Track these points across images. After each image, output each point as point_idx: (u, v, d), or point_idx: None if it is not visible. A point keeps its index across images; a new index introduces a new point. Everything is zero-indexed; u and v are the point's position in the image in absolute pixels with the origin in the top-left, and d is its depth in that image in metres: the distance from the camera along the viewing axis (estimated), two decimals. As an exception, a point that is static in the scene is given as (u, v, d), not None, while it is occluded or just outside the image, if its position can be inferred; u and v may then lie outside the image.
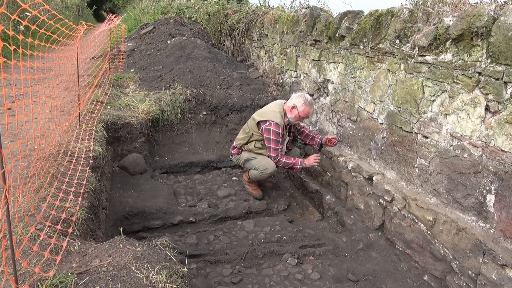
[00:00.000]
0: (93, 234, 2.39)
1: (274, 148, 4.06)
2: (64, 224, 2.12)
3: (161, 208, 3.87)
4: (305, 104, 4.06)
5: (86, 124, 4.05)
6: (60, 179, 2.62)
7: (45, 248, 1.86)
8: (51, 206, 2.24)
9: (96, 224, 2.59)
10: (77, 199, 2.40)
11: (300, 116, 4.10)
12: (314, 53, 4.91)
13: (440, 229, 2.91)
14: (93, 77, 5.78)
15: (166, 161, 5.04)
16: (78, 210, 2.28)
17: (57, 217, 2.13)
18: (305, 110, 4.08)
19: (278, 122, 4.00)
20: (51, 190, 2.39)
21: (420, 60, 3.22)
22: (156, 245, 2.01)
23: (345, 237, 3.74)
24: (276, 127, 4.00)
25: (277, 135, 4.01)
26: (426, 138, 3.19)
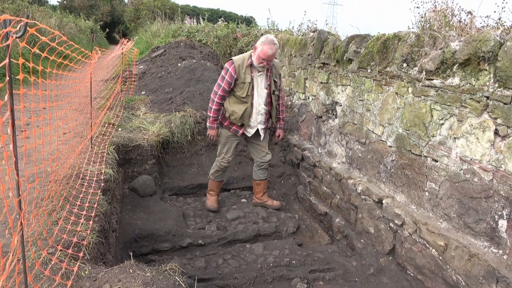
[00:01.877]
0: (103, 258, 2.41)
1: (217, 83, 4.03)
2: (75, 248, 2.15)
3: (170, 231, 3.88)
4: (263, 44, 3.83)
5: (98, 146, 4.12)
6: (72, 202, 2.66)
7: (57, 272, 1.88)
8: (63, 229, 2.28)
9: (106, 248, 2.61)
10: (88, 223, 2.42)
11: (260, 57, 3.87)
12: (322, 75, 4.97)
13: (452, 254, 2.87)
14: (106, 99, 5.91)
15: (176, 183, 5.07)
16: (89, 234, 2.30)
17: (69, 241, 2.16)
18: (263, 50, 3.83)
19: (235, 59, 3.95)
20: (63, 213, 2.43)
21: (427, 83, 3.24)
22: (165, 270, 2.02)
23: (355, 261, 3.70)
24: (229, 64, 3.96)
25: (225, 71, 3.96)
26: (436, 162, 3.18)
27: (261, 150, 4.48)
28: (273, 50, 3.82)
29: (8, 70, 1.34)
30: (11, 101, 1.36)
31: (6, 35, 1.25)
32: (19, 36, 1.32)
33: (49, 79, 2.45)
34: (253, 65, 3.96)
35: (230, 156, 4.39)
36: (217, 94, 4.01)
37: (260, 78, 4.10)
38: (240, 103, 4.07)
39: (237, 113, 4.07)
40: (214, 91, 4.04)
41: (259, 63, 3.89)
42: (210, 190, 4.61)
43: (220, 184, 4.65)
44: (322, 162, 4.75)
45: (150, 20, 20.81)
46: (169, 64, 8.30)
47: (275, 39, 3.85)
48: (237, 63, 3.92)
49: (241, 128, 4.22)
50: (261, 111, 4.21)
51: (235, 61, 3.94)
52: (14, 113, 1.38)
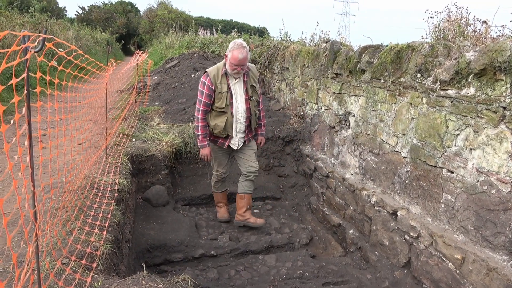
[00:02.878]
0: (116, 268, 2.42)
1: (198, 99, 3.93)
2: (89, 258, 2.16)
3: (183, 241, 3.88)
4: (232, 50, 3.68)
5: (112, 157, 4.17)
6: (86, 212, 2.69)
7: (70, 283, 1.89)
8: (77, 239, 2.30)
9: (120, 258, 2.62)
10: (102, 233, 2.44)
11: (232, 63, 3.72)
12: (335, 86, 4.96)
13: (469, 268, 2.79)
14: (121, 110, 6.00)
15: (188, 193, 5.09)
16: (103, 245, 2.32)
17: (82, 251, 2.17)
18: (233, 56, 3.68)
19: (209, 71, 3.84)
20: (77, 223, 2.46)
21: (442, 94, 3.20)
22: (177, 282, 2.01)
23: (369, 274, 3.63)
24: (204, 77, 3.85)
25: (202, 85, 3.84)
26: (452, 173, 3.12)
27: (247, 160, 4.22)
28: (243, 54, 3.68)
29: (26, 83, 1.38)
30: (28, 114, 1.39)
31: (25, 50, 1.28)
32: (38, 51, 1.36)
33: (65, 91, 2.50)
34: (227, 73, 3.86)
35: (223, 168, 4.30)
36: (199, 110, 3.91)
37: (238, 85, 3.97)
38: (221, 115, 3.98)
39: (220, 126, 3.98)
40: (196, 109, 3.94)
41: (232, 70, 3.76)
42: (218, 202, 4.57)
43: (225, 194, 4.58)
44: (335, 173, 4.72)
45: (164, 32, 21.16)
46: (182, 75, 8.40)
47: (243, 42, 3.74)
48: (211, 74, 3.82)
49: (227, 139, 4.10)
50: (240, 119, 4.03)
51: (209, 72, 3.84)
52: (31, 125, 1.41)
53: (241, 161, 4.27)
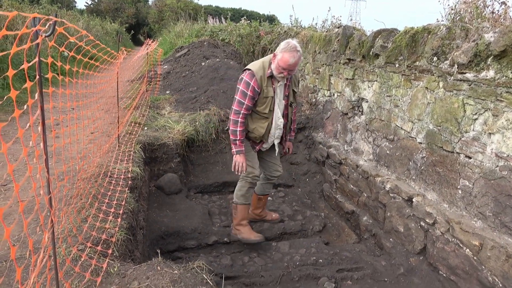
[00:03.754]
0: (131, 254, 2.43)
1: (239, 101, 3.33)
2: (104, 245, 2.17)
3: (196, 228, 3.89)
4: (283, 51, 3.17)
5: (125, 145, 4.18)
6: (100, 200, 2.70)
7: (86, 269, 1.90)
8: (92, 227, 2.31)
9: (134, 245, 2.64)
10: (117, 220, 2.45)
11: (280, 66, 3.21)
12: (348, 72, 4.88)
13: (487, 255, 2.74)
14: (132, 99, 6.00)
15: (201, 181, 5.10)
16: (118, 231, 2.33)
17: (98, 238, 2.18)
18: (284, 58, 3.16)
19: (254, 70, 3.29)
20: (92, 211, 2.47)
21: (460, 77, 3.12)
22: (192, 268, 2.01)
23: (384, 261, 3.60)
24: (249, 77, 3.28)
25: (246, 86, 3.26)
26: (469, 158, 3.05)
27: (274, 163, 3.88)
28: (295, 58, 3.20)
29: (38, 69, 1.36)
30: (41, 100, 1.37)
31: (35, 34, 1.26)
32: (48, 35, 1.33)
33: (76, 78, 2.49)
34: (273, 75, 3.36)
35: (257, 169, 3.69)
36: (240, 113, 3.36)
37: (279, 88, 3.51)
38: (262, 119, 3.51)
39: (259, 131, 3.52)
40: (235, 111, 3.38)
41: (278, 72, 3.28)
42: (242, 219, 3.75)
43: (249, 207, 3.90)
44: (348, 160, 4.66)
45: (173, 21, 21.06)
46: (193, 64, 8.36)
47: (297, 44, 3.24)
48: (258, 75, 3.30)
49: (259, 144, 3.67)
50: (279, 125, 3.62)
51: (255, 72, 3.30)
52: (44, 111, 1.40)
53: (265, 164, 3.89)
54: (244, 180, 3.69)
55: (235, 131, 3.41)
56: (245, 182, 3.68)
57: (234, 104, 3.40)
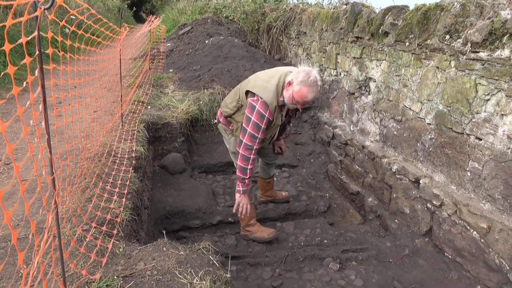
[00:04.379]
0: (136, 234, 2.42)
1: (251, 135, 2.89)
2: (109, 225, 2.15)
3: (200, 208, 3.88)
4: (302, 83, 2.75)
5: (128, 124, 4.13)
6: (104, 180, 2.67)
7: (91, 249, 1.89)
8: (96, 206, 2.28)
9: (139, 225, 2.62)
10: (121, 200, 2.43)
11: (294, 98, 2.83)
12: (355, 50, 4.76)
13: (495, 237, 2.71)
14: (135, 77, 5.91)
15: (205, 161, 5.07)
16: (122, 211, 2.30)
17: (102, 218, 2.16)
18: (301, 92, 2.77)
19: (268, 100, 2.84)
20: (96, 190, 2.44)
21: (473, 56, 3.01)
22: (198, 249, 1.99)
23: (389, 242, 3.59)
24: (263, 108, 2.83)
25: (261, 118, 2.84)
26: (480, 140, 2.98)
27: (269, 149, 3.72)
28: (314, 93, 2.82)
29: (38, 44, 1.29)
30: (41, 76, 1.31)
31: (34, 6, 1.19)
32: (47, 8, 1.26)
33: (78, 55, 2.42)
34: (285, 105, 3.00)
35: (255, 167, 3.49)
36: (252, 149, 2.94)
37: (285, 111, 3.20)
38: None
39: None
40: (246, 146, 2.92)
41: (291, 103, 2.91)
42: (250, 219, 3.51)
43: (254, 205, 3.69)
44: (354, 140, 4.60)
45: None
46: (196, 41, 8.20)
47: (318, 77, 2.83)
48: (272, 106, 2.88)
49: None
50: (274, 138, 3.44)
51: (269, 103, 2.86)
52: (45, 88, 1.34)
53: (260, 152, 3.68)
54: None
55: (245, 169, 2.98)
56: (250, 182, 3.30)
57: (244, 137, 2.90)
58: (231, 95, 3.26)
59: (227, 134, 3.45)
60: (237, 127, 3.21)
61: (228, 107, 3.22)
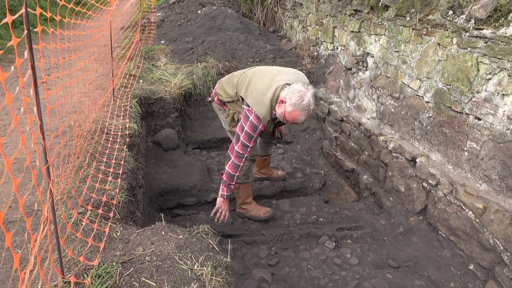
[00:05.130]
0: (133, 216, 2.38)
1: (243, 144, 2.94)
2: (105, 207, 2.10)
3: (195, 185, 3.85)
4: (295, 106, 2.73)
5: (120, 99, 4.01)
6: (98, 159, 2.60)
7: (88, 234, 1.84)
8: (91, 188, 2.23)
9: (135, 205, 2.58)
10: (116, 181, 2.37)
11: (285, 117, 2.83)
12: (354, 24, 4.63)
13: (491, 218, 2.74)
14: (126, 50, 5.71)
15: (199, 136, 4.99)
16: (118, 193, 2.25)
17: (98, 200, 2.11)
18: (293, 114, 2.77)
19: (262, 116, 2.86)
20: (90, 171, 2.37)
21: (476, 34, 2.94)
22: (198, 233, 1.96)
23: (383, 219, 3.62)
24: (257, 120, 2.87)
25: (254, 129, 2.89)
26: (479, 120, 2.96)
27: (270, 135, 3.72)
28: (305, 116, 2.84)
29: (26, 22, 1.19)
30: (31, 58, 1.22)
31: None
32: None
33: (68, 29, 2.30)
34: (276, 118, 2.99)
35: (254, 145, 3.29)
36: (243, 157, 2.99)
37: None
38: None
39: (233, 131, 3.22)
40: (238, 154, 2.96)
41: (282, 119, 2.91)
42: (247, 197, 3.49)
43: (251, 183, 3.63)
44: (350, 117, 4.56)
45: (166, -37, 19.83)
46: (188, 11, 7.93)
47: (312, 100, 2.80)
48: (265, 120, 2.90)
49: None
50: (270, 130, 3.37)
51: (262, 118, 2.88)
52: (35, 70, 1.25)
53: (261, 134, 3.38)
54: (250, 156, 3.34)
55: (233, 176, 3.02)
56: (246, 161, 3.27)
57: (237, 145, 2.95)
58: (229, 83, 3.16)
59: (222, 113, 3.40)
60: (228, 113, 3.24)
61: (223, 94, 3.21)
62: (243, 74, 3.12)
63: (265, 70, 3.12)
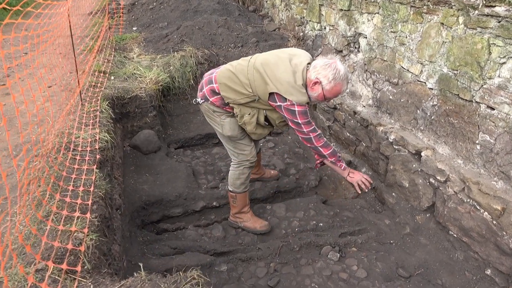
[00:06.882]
0: (108, 256, 2.02)
1: (310, 130, 2.72)
2: (72, 256, 1.74)
3: (181, 194, 3.49)
4: (335, 80, 2.55)
5: (89, 103, 3.57)
6: (62, 188, 2.21)
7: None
8: (53, 232, 1.85)
9: (111, 238, 2.22)
10: (85, 216, 1.99)
11: (326, 97, 2.64)
12: (343, 2, 4.22)
13: (511, 221, 2.47)
14: (94, 40, 5.18)
15: (181, 134, 4.59)
16: (87, 234, 1.88)
17: (62, 250, 1.74)
18: (335, 89, 2.60)
19: (304, 102, 2.62)
20: (53, 208, 1.99)
21: (487, 12, 2.59)
22: (186, 284, 1.62)
23: (387, 218, 3.35)
24: (302, 107, 2.63)
25: (305, 115, 2.66)
26: (492, 110, 2.65)
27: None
28: (347, 85, 2.70)
29: None
30: None
31: None
32: None
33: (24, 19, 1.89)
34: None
35: (253, 147, 3.12)
36: (320, 134, 2.80)
37: None
38: (267, 128, 3.01)
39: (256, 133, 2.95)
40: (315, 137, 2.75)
41: (321, 100, 2.74)
42: (243, 207, 3.20)
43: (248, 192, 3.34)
44: (345, 105, 4.21)
45: None
46: (160, -8, 7.33)
47: (345, 66, 2.67)
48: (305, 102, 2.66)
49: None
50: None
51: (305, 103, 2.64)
52: None
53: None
54: (243, 166, 3.05)
55: (334, 151, 2.86)
56: (244, 168, 3.06)
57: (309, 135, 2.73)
58: (236, 82, 2.74)
59: (218, 115, 2.93)
60: (243, 114, 2.82)
61: (235, 96, 2.77)
62: (248, 69, 2.72)
63: (271, 58, 2.73)
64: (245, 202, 3.19)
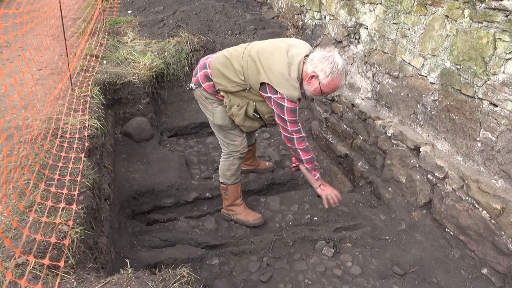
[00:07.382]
0: (93, 248, 1.93)
1: (294, 130, 2.64)
2: (55, 250, 1.65)
3: (173, 184, 3.41)
4: (332, 74, 2.44)
5: (80, 87, 3.45)
6: (48, 177, 2.11)
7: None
8: (36, 224, 1.76)
9: (98, 230, 2.13)
10: (71, 207, 1.90)
11: (323, 92, 2.54)
12: (344, -10, 4.10)
13: (510, 221, 2.42)
14: (87, 23, 5.01)
15: (175, 122, 4.49)
16: (72, 226, 1.79)
17: (44, 243, 1.65)
18: (333, 83, 2.48)
19: (295, 98, 2.53)
20: (37, 198, 1.89)
21: (494, 5, 2.49)
22: (175, 282, 1.54)
23: (383, 214, 3.30)
24: (291, 103, 2.52)
25: (293, 112, 2.56)
26: (495, 107, 2.58)
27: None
28: (345, 79, 2.62)
29: None
30: None
31: None
32: None
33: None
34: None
35: (244, 139, 3.03)
36: (304, 137, 2.74)
37: None
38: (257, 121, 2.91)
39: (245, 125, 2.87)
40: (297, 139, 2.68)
41: (317, 95, 2.63)
42: (236, 199, 3.12)
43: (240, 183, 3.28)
44: (342, 97, 4.12)
45: None
46: (156, -25, 7.12)
47: (343, 59, 2.55)
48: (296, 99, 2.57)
49: None
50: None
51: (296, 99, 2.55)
52: None
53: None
54: (233, 156, 2.97)
55: (313, 158, 2.82)
56: (234, 159, 2.98)
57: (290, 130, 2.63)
58: (229, 68, 2.64)
59: (210, 103, 2.84)
60: (231, 104, 2.73)
61: (226, 83, 2.67)
62: (243, 56, 2.61)
63: (268, 47, 2.62)
64: (237, 194, 3.12)
